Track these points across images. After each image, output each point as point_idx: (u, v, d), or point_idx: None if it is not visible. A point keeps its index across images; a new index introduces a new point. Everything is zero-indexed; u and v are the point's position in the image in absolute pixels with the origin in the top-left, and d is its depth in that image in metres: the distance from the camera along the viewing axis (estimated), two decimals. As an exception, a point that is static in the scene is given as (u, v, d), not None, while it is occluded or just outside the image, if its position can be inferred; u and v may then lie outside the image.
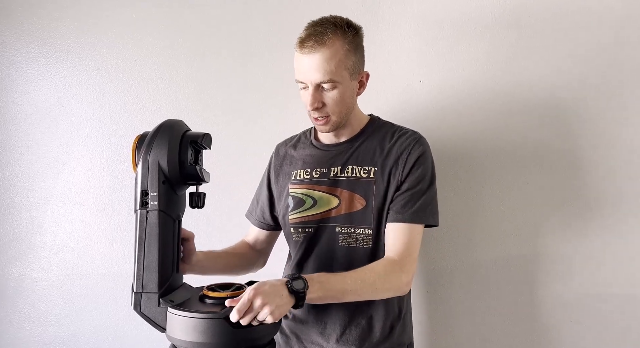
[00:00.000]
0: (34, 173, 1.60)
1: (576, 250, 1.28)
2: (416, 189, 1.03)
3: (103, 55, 1.57)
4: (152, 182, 0.89)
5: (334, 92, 1.00)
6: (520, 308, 1.31)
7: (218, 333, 0.81)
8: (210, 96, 1.51)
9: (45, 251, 1.59)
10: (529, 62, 1.30)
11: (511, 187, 1.31)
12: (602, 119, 1.27)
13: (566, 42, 1.28)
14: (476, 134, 1.33)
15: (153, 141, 0.90)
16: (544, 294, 1.30)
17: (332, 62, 0.97)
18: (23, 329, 1.60)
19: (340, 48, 0.98)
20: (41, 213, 1.60)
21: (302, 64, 1.00)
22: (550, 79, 1.29)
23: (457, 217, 1.34)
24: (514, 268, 1.32)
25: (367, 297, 1.00)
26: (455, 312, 1.35)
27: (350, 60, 1.00)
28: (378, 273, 0.97)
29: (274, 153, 1.24)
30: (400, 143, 1.07)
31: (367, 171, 1.06)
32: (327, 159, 1.11)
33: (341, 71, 0.99)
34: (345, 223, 1.06)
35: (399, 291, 1.03)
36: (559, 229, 1.29)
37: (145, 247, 0.89)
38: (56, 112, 1.59)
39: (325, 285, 0.91)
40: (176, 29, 1.53)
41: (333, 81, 0.98)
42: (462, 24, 1.34)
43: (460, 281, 1.34)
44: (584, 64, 1.27)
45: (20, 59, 1.61)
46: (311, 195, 1.10)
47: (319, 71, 0.98)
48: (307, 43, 0.98)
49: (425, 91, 1.36)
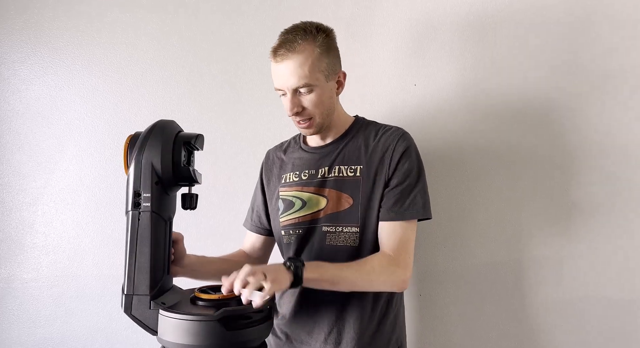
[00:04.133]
0: (25, 173, 1.58)
1: (570, 252, 1.29)
2: (405, 184, 1.04)
3: (96, 54, 1.56)
4: (145, 183, 0.88)
5: (312, 95, 1.03)
6: (513, 311, 1.32)
7: (211, 336, 0.81)
8: (203, 96, 1.51)
9: (36, 252, 1.58)
10: (521, 64, 1.31)
11: (502, 189, 1.32)
12: (594, 122, 1.28)
13: (557, 45, 1.29)
14: (472, 137, 1.34)
15: (146, 141, 0.90)
16: (535, 297, 1.30)
17: (305, 67, 1.00)
18: (12, 330, 1.58)
19: (311, 52, 1.01)
20: (32, 213, 1.58)
21: (278, 72, 1.03)
22: (542, 82, 1.30)
23: (449, 219, 1.34)
24: (505, 271, 1.32)
25: (363, 287, 1.01)
26: (447, 315, 1.35)
27: (323, 62, 1.03)
28: (373, 265, 0.99)
29: (265, 158, 1.25)
30: (384, 139, 1.08)
31: (353, 170, 1.07)
32: (315, 161, 1.13)
33: (315, 73, 1.01)
34: (332, 222, 1.06)
35: (395, 286, 1.04)
36: (550, 232, 1.30)
37: (137, 249, 0.88)
38: (48, 112, 1.58)
39: (321, 268, 0.95)
40: (170, 29, 1.53)
41: (308, 84, 1.01)
42: (455, 28, 1.34)
43: (452, 284, 1.35)
44: (574, 67, 1.28)
45: (12, 57, 1.59)
46: (300, 197, 1.11)
47: (294, 76, 1.01)
48: (279, 51, 1.02)
49: (419, 94, 1.37)
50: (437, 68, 1.36)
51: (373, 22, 1.40)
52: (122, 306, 0.88)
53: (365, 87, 1.40)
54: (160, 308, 0.86)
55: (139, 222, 0.89)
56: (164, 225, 0.92)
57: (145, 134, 0.91)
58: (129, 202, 0.89)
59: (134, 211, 0.89)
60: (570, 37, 1.29)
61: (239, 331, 0.83)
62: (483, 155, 1.33)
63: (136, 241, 0.88)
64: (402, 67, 1.38)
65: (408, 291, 1.34)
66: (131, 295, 0.88)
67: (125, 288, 0.89)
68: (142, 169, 0.89)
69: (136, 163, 0.89)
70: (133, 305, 0.88)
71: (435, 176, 1.34)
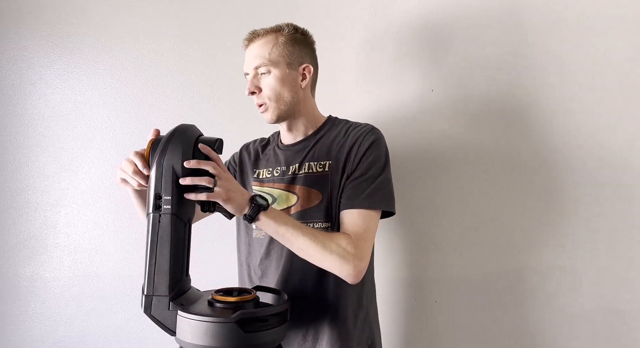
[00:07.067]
0: (49, 174, 1.63)
1: (586, 261, 1.26)
2: (367, 175, 1.02)
3: (119, 60, 1.60)
4: (166, 186, 0.90)
5: (270, 77, 1.07)
6: (530, 321, 1.29)
7: (229, 337, 0.82)
8: (222, 101, 1.53)
9: (58, 252, 1.62)
10: (529, 65, 1.30)
11: (516, 197, 1.30)
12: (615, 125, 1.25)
13: (565, 44, 1.27)
14: (477, 140, 1.33)
15: (168, 145, 0.91)
16: (551, 305, 1.28)
17: (265, 49, 1.08)
18: (33, 328, 1.62)
19: (275, 38, 1.09)
20: (55, 213, 1.62)
21: (245, 57, 1.11)
22: (547, 82, 1.27)
23: (465, 226, 1.33)
24: (503, 281, 1.29)
25: (313, 259, 0.96)
26: (461, 321, 1.33)
27: (286, 49, 1.08)
28: (330, 236, 0.96)
29: (244, 146, 1.28)
30: (353, 134, 1.08)
31: (322, 166, 1.08)
32: (286, 158, 1.14)
33: (276, 57, 1.07)
34: (303, 218, 1.05)
35: (346, 274, 0.95)
36: (564, 241, 1.27)
37: (157, 250, 0.90)
38: (72, 115, 1.62)
39: (282, 220, 0.95)
40: (190, 35, 1.56)
41: (266, 64, 1.07)
42: (472, 33, 1.34)
43: (467, 291, 1.33)
44: (591, 65, 1.26)
45: (39, 62, 1.64)
46: (271, 193, 1.12)
47: (255, 57, 1.08)
48: (246, 39, 1.12)
49: (436, 100, 1.36)
50: (455, 75, 1.35)
51: (388, 29, 1.40)
52: (142, 306, 0.90)
53: (380, 93, 1.40)
54: (179, 309, 0.87)
55: (160, 224, 0.90)
56: (184, 227, 0.93)
57: (167, 138, 0.93)
58: (150, 204, 0.91)
59: (155, 213, 0.90)
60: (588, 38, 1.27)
61: (255, 333, 0.84)
62: (498, 162, 1.31)
63: (156, 243, 0.90)
64: (420, 73, 1.38)
65: (421, 297, 1.34)
66: (151, 295, 0.89)
67: (145, 288, 0.90)
68: (164, 172, 0.90)
69: (157, 166, 0.91)
70: (152, 306, 0.89)
71: (445, 183, 1.33)
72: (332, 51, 1.41)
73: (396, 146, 1.32)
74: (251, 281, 1.14)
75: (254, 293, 0.93)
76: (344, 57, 1.43)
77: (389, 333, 1.35)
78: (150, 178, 0.92)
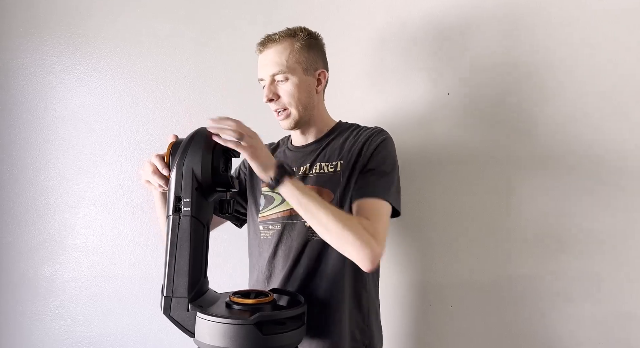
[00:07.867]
0: (68, 176, 1.66)
1: (603, 267, 1.24)
2: (379, 169, 1.03)
3: (138, 64, 1.62)
4: (186, 188, 0.91)
5: (288, 84, 1.08)
6: (541, 325, 1.28)
7: (247, 339, 0.83)
8: (239, 105, 1.54)
9: (76, 253, 1.64)
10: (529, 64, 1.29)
11: (512, 195, 1.29)
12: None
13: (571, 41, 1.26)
14: (491, 143, 1.32)
15: (187, 148, 0.93)
16: (566, 311, 1.26)
17: (282, 55, 1.07)
18: (52, 328, 1.64)
19: (290, 44, 1.08)
20: (73, 215, 1.65)
21: (260, 63, 1.11)
22: (561, 84, 1.26)
23: (475, 230, 1.32)
24: (511, 286, 1.28)
25: (330, 237, 0.93)
26: (473, 325, 1.33)
27: (302, 55, 1.08)
28: (351, 217, 0.97)
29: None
30: (364, 135, 1.10)
31: (333, 166, 1.08)
32: (297, 159, 1.15)
33: (293, 63, 1.07)
34: None
35: (365, 257, 0.91)
36: (581, 246, 1.26)
37: (177, 252, 0.91)
38: (92, 119, 1.65)
39: (305, 190, 0.95)
40: (207, 41, 1.58)
41: (284, 71, 1.07)
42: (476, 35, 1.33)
43: (479, 295, 1.32)
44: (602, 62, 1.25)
45: (59, 67, 1.68)
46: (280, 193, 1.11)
47: (272, 64, 1.08)
48: (261, 44, 1.11)
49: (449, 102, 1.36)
50: (472, 76, 1.35)
51: (404, 36, 1.40)
52: (161, 307, 0.91)
53: (392, 96, 1.40)
54: (198, 311, 0.88)
55: (180, 226, 0.91)
56: (202, 229, 0.94)
57: (187, 141, 0.94)
58: (169, 207, 0.92)
59: (175, 216, 0.91)
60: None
61: (273, 335, 0.84)
62: (512, 165, 1.30)
63: (176, 245, 0.91)
64: (433, 76, 1.38)
65: (436, 301, 1.33)
66: (170, 297, 0.90)
67: (165, 290, 0.91)
68: (184, 175, 0.92)
69: (177, 169, 0.92)
70: (172, 307, 0.90)
71: (438, 181, 1.34)
72: (345, 52, 1.42)
73: (405, 148, 1.32)
74: (259, 283, 1.14)
75: (271, 296, 0.94)
76: (356, 58, 1.44)
77: (393, 335, 1.35)
78: (170, 181, 0.93)
